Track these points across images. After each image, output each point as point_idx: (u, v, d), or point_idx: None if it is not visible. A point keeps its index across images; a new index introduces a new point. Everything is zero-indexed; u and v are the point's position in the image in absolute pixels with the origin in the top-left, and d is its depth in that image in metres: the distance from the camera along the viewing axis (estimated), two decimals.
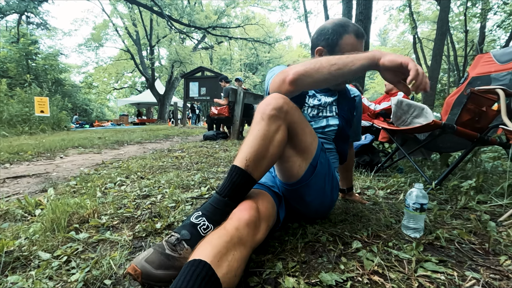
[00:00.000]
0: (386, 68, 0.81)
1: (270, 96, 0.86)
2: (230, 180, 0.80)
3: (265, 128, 0.82)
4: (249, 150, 0.80)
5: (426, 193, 1.11)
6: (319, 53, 1.12)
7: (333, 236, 1.02)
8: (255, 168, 0.80)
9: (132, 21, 16.22)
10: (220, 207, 0.78)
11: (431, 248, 0.97)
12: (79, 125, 14.18)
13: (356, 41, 1.07)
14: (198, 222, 0.75)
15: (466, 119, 1.67)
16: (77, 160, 3.03)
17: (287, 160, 0.94)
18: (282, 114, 0.84)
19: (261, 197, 0.87)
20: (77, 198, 1.35)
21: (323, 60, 0.85)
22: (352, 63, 0.83)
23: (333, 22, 1.10)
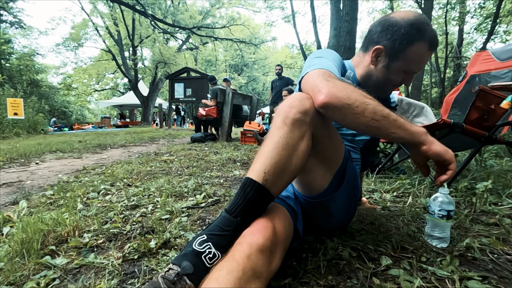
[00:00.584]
0: (425, 155, 0.72)
1: (294, 97, 0.71)
2: (244, 197, 0.65)
3: (288, 135, 0.67)
4: (268, 162, 0.65)
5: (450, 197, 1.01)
6: (376, 54, 0.90)
7: (356, 250, 0.90)
8: (274, 183, 0.66)
9: (113, 21, 15.66)
10: (229, 230, 0.63)
11: (465, 261, 0.87)
12: (58, 128, 13.51)
13: (427, 53, 0.87)
14: (203, 250, 0.60)
15: (475, 118, 1.60)
16: (55, 166, 2.78)
17: (309, 170, 0.80)
18: (308, 119, 0.69)
19: (277, 213, 0.72)
20: (53, 212, 1.16)
21: (369, 108, 0.67)
22: (394, 131, 0.69)
23: (409, 21, 0.85)
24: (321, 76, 0.72)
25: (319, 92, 0.68)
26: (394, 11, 13.76)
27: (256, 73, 31.21)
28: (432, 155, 0.71)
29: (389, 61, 0.90)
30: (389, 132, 0.69)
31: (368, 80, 0.97)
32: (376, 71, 0.94)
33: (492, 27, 11.17)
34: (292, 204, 0.87)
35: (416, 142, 0.72)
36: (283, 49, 33.45)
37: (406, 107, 2.22)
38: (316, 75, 0.74)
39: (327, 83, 0.69)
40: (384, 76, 0.93)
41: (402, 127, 0.70)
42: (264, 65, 31.40)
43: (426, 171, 0.79)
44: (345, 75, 0.98)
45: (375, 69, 0.94)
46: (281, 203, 0.80)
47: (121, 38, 16.54)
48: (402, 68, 0.90)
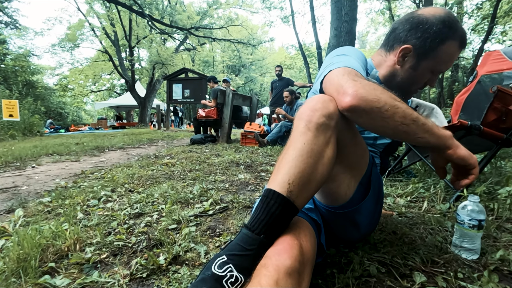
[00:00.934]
0: (449, 159, 0.69)
1: (317, 99, 0.64)
2: (267, 212, 0.57)
3: (313, 141, 0.60)
4: (293, 171, 0.58)
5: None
6: (403, 53, 0.84)
7: (384, 265, 0.83)
8: (299, 194, 0.58)
9: (110, 21, 15.49)
10: (252, 249, 0.55)
11: (502, 276, 0.80)
12: (54, 130, 13.33)
13: (457, 51, 0.82)
14: (224, 274, 0.52)
15: (492, 119, 1.54)
16: (52, 170, 2.68)
17: (333, 179, 0.72)
18: (333, 123, 0.62)
19: (302, 228, 0.65)
20: (52, 223, 1.07)
21: (399, 112, 0.61)
22: (422, 136, 0.64)
23: (440, 18, 0.79)
24: (347, 75, 0.65)
25: (345, 93, 0.61)
26: (392, 12, 13.80)
27: (254, 73, 31.15)
28: (457, 159, 0.68)
29: (417, 61, 0.84)
30: (417, 136, 0.64)
31: (391, 81, 0.90)
32: (401, 72, 0.88)
33: (490, 28, 11.22)
34: (314, 217, 0.79)
35: (442, 146, 0.68)
36: (280, 50, 33.47)
37: (415, 108, 2.16)
38: (340, 74, 0.66)
39: (353, 83, 0.62)
40: (410, 77, 0.87)
41: (430, 131, 0.65)
42: (261, 66, 31.37)
43: (443, 173, 0.76)
44: (370, 74, 0.91)
45: (401, 70, 0.87)
46: (303, 217, 0.73)
47: (118, 38, 16.39)
48: (431, 68, 0.84)
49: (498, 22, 12.49)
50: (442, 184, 1.73)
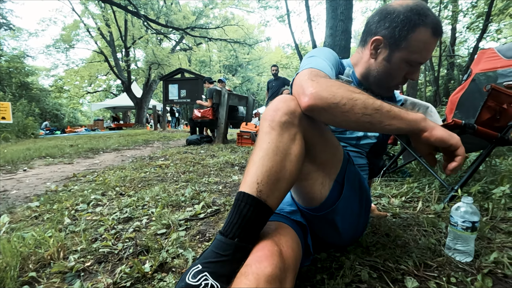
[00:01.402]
0: (428, 142, 0.65)
1: (279, 99, 0.64)
2: (239, 214, 0.56)
3: (278, 139, 0.60)
4: (260, 170, 0.57)
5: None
6: (375, 45, 0.83)
7: (375, 269, 0.81)
8: (270, 193, 0.57)
9: (105, 22, 15.37)
10: (227, 254, 0.54)
11: (496, 279, 0.78)
12: (49, 132, 13.21)
13: (431, 39, 0.77)
14: (198, 283, 0.50)
15: (486, 118, 1.53)
16: (44, 173, 2.64)
17: (306, 177, 0.71)
18: (296, 120, 0.62)
19: (282, 233, 0.64)
20: (36, 230, 1.04)
21: (358, 103, 0.60)
22: (389, 123, 0.62)
23: (407, 6, 0.78)
24: (307, 76, 0.66)
25: (303, 94, 0.62)
26: None
27: (251, 73, 31.10)
28: (435, 141, 0.64)
29: (390, 51, 0.82)
30: (384, 124, 0.62)
31: (369, 77, 0.89)
32: (376, 65, 0.86)
33: (485, 26, 11.25)
34: (299, 219, 0.77)
35: (415, 130, 0.64)
36: (277, 49, 33.44)
37: (411, 107, 2.14)
38: (303, 75, 0.67)
39: (311, 83, 0.63)
40: (385, 69, 0.84)
41: (398, 117, 0.62)
42: (258, 66, 31.32)
43: (432, 160, 0.71)
44: (344, 72, 0.90)
45: (375, 63, 0.86)
46: (286, 222, 0.71)
47: (113, 39, 16.27)
48: (405, 58, 0.80)
49: (493, 20, 12.54)
50: (437, 184, 1.71)
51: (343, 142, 0.97)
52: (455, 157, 0.64)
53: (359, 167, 0.99)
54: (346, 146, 0.97)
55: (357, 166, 0.98)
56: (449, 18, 12.95)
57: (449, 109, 2.20)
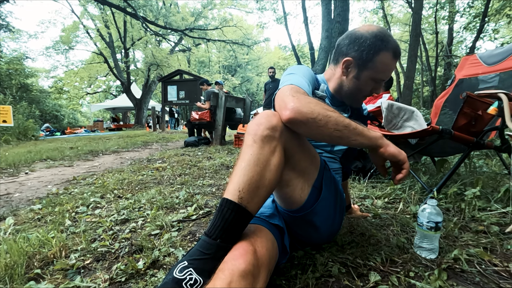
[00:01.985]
0: (382, 156, 0.80)
1: (261, 115, 0.74)
2: (222, 218, 0.65)
3: (259, 152, 0.69)
4: (242, 179, 0.66)
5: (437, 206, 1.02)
6: (346, 65, 0.96)
7: (345, 266, 0.90)
8: (250, 200, 0.66)
9: (104, 23, 15.48)
10: (210, 253, 0.63)
11: (453, 274, 0.87)
12: (49, 133, 13.31)
13: (392, 61, 0.92)
14: (184, 277, 0.58)
15: (463, 124, 1.62)
16: (45, 176, 2.73)
17: (287, 184, 0.81)
18: (277, 134, 0.71)
19: (259, 235, 0.73)
20: (40, 231, 1.14)
21: (331, 120, 0.72)
22: (355, 139, 0.76)
23: (373, 33, 0.91)
24: (288, 92, 0.76)
25: (285, 108, 0.72)
26: (385, 11, 13.90)
27: (250, 73, 31.20)
28: (388, 156, 0.79)
29: (358, 71, 0.95)
30: (351, 139, 0.75)
31: (340, 91, 1.02)
32: (347, 82, 0.99)
33: (481, 26, 11.35)
34: (276, 222, 0.87)
35: (374, 146, 0.79)
36: (276, 50, 33.51)
37: (397, 112, 2.23)
38: (284, 91, 0.77)
39: (292, 99, 0.73)
40: (355, 86, 0.98)
41: (361, 134, 0.76)
42: (257, 66, 31.44)
43: (384, 171, 0.87)
44: (319, 88, 1.02)
45: (346, 80, 0.99)
46: (263, 224, 0.80)
47: (112, 40, 16.38)
48: (371, 77, 0.95)
49: (490, 19, 12.63)
50: (418, 186, 1.80)
51: (319, 149, 1.07)
52: (402, 170, 0.81)
53: (334, 171, 1.09)
54: (322, 153, 1.07)
55: (332, 170, 1.08)
56: (446, 19, 13.05)
57: (433, 113, 2.29)
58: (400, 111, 2.26)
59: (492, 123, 1.74)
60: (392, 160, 0.81)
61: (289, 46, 12.18)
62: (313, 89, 0.99)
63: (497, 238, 1.10)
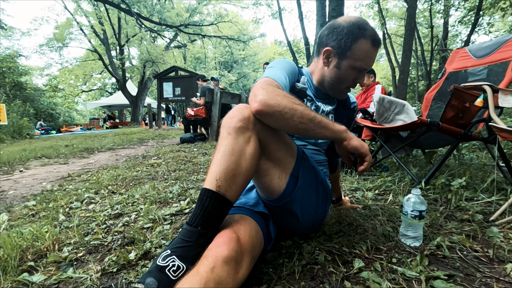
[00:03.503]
0: (346, 149, 0.85)
1: (234, 108, 0.77)
2: (202, 206, 0.68)
3: (233, 142, 0.72)
4: (219, 169, 0.69)
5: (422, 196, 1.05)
6: (326, 55, 0.98)
7: (331, 254, 0.93)
8: (228, 187, 0.69)
9: (98, 20, 15.30)
10: (192, 240, 0.65)
11: (435, 260, 0.90)
12: (45, 131, 13.23)
13: (371, 49, 0.94)
14: (166, 264, 0.61)
15: (450, 116, 1.65)
16: (40, 174, 2.74)
17: (265, 173, 0.83)
18: (250, 125, 0.74)
19: (243, 223, 0.76)
20: (33, 226, 1.15)
21: (297, 113, 0.75)
22: (319, 131, 0.79)
23: (350, 21, 0.94)
24: (260, 84, 0.79)
25: (254, 100, 0.75)
26: (380, 5, 13.85)
27: (246, 69, 31.08)
28: (351, 149, 0.84)
29: (339, 60, 0.97)
30: (316, 132, 0.79)
31: (323, 83, 1.04)
32: (328, 72, 1.01)
33: (476, 19, 11.38)
34: (261, 209, 0.90)
35: (338, 139, 0.84)
36: (272, 45, 33.38)
37: (388, 105, 2.26)
38: (257, 84, 0.80)
39: (261, 91, 0.75)
40: (336, 75, 1.00)
41: (326, 127, 0.80)
42: (254, 62, 31.30)
43: (349, 162, 0.92)
44: (300, 80, 1.04)
45: (328, 70, 1.01)
46: (247, 214, 0.83)
47: (107, 37, 16.21)
48: (351, 65, 0.96)
49: (485, 13, 12.66)
50: (408, 178, 1.84)
51: (303, 141, 1.09)
52: (364, 162, 0.87)
53: (319, 162, 1.11)
54: (306, 145, 1.09)
55: (317, 162, 1.10)
56: (441, 12, 13.05)
57: (424, 107, 2.32)
58: (391, 104, 2.29)
59: (481, 115, 1.77)
60: (355, 152, 0.86)
61: (285, 42, 12.16)
62: (294, 81, 1.01)
63: (480, 226, 1.13)
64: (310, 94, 1.06)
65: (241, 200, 0.94)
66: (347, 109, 1.17)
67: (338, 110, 1.13)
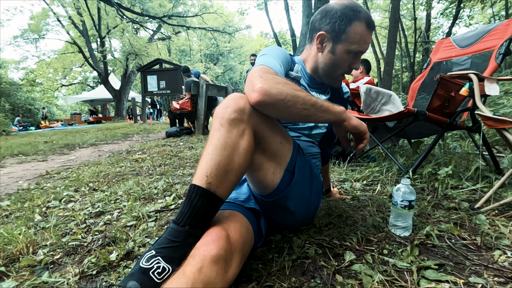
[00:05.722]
0: (346, 129, 0.84)
1: (229, 98, 0.71)
2: (190, 204, 0.63)
3: (226, 135, 0.66)
4: (210, 164, 0.64)
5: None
6: (320, 40, 0.93)
7: (321, 247, 0.91)
8: (219, 184, 0.64)
9: (76, 10, 14.62)
10: (179, 240, 0.61)
11: (425, 249, 0.90)
12: (23, 128, 12.68)
13: (366, 31, 0.90)
14: (150, 266, 0.56)
15: (437, 105, 1.65)
16: (16, 172, 2.60)
17: (259, 168, 0.79)
18: (245, 116, 0.69)
19: (232, 220, 0.72)
20: (4, 228, 1.07)
21: (299, 100, 0.71)
22: (321, 115, 0.77)
23: (343, 4, 0.90)
24: (257, 73, 0.73)
25: (253, 90, 0.69)
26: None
27: (233, 62, 30.72)
28: (351, 129, 0.84)
29: (333, 44, 0.93)
30: (318, 117, 0.77)
31: (317, 70, 1.00)
32: (323, 58, 0.97)
33: (457, 11, 11.62)
34: (252, 206, 0.86)
35: (339, 120, 0.82)
36: (258, 37, 33.09)
37: (375, 96, 2.26)
38: (253, 72, 0.75)
39: (260, 80, 0.70)
40: (331, 61, 0.96)
41: (327, 110, 0.78)
42: (240, 54, 30.95)
43: (347, 142, 0.91)
44: (294, 69, 1.00)
45: (322, 56, 0.97)
46: (237, 209, 0.79)
47: (86, 29, 15.53)
48: (347, 49, 0.92)
49: (465, 5, 12.95)
50: (396, 168, 1.85)
51: (297, 132, 1.05)
52: (363, 140, 0.86)
53: (313, 155, 1.08)
54: (300, 136, 1.05)
55: (311, 154, 1.07)
56: (424, 5, 13.25)
57: (410, 97, 2.33)
58: (378, 95, 2.29)
59: (464, 104, 1.79)
60: (354, 132, 0.85)
61: (271, 34, 12.04)
62: (287, 70, 0.97)
63: (466, 213, 1.14)
64: (304, 84, 1.02)
65: (231, 195, 0.90)
66: (341, 98, 1.14)
67: (332, 100, 1.10)
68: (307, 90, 1.02)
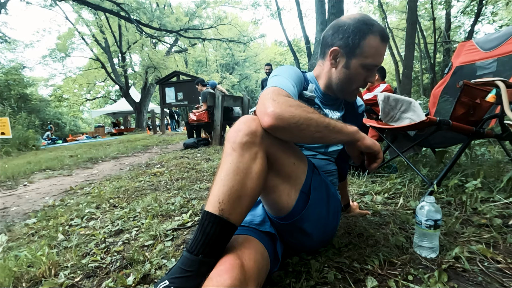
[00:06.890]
0: (359, 149, 0.82)
1: (240, 121, 0.70)
2: (203, 232, 0.62)
3: (238, 160, 0.65)
4: (222, 190, 0.63)
5: (436, 203, 0.98)
6: (333, 55, 0.92)
7: (341, 271, 0.87)
8: (232, 210, 0.63)
9: (99, 28, 15.46)
10: (192, 270, 0.60)
11: (454, 274, 0.84)
12: (51, 141, 13.37)
13: (380, 44, 0.88)
14: None
15: (461, 113, 1.57)
16: (43, 187, 2.72)
17: (273, 190, 0.77)
18: (257, 139, 0.68)
19: (247, 246, 0.70)
20: (29, 249, 1.11)
21: (312, 122, 0.70)
22: (335, 137, 0.76)
23: (355, 18, 0.88)
24: (270, 95, 0.72)
25: (265, 113, 0.68)
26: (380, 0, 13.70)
27: (248, 70, 31.04)
28: (365, 149, 0.81)
29: (347, 59, 0.91)
30: (331, 138, 0.75)
31: (331, 86, 0.98)
32: (337, 74, 0.94)
33: (479, 9, 11.17)
34: (267, 229, 0.84)
35: (352, 141, 0.80)
36: (273, 45, 33.29)
37: (394, 104, 2.18)
38: (265, 94, 0.73)
39: (272, 103, 0.69)
40: (345, 76, 0.93)
41: (341, 131, 0.76)
42: (255, 62, 31.24)
43: (358, 160, 0.87)
44: (308, 88, 0.98)
45: (336, 72, 0.94)
46: (252, 234, 0.77)
47: (108, 45, 16.35)
48: (361, 64, 0.90)
49: (488, 2, 12.42)
50: (418, 179, 1.76)
51: (313, 151, 1.02)
52: (376, 159, 0.84)
53: (329, 173, 1.05)
54: (316, 155, 1.03)
55: (327, 172, 1.04)
56: (443, 4, 12.84)
57: (431, 103, 2.24)
58: (397, 102, 2.21)
59: (492, 110, 1.69)
60: (368, 151, 0.82)
61: (285, 42, 12.10)
62: (301, 89, 0.95)
63: (499, 232, 1.06)
64: (317, 102, 1.00)
65: (246, 218, 0.88)
66: (355, 113, 1.11)
67: (346, 116, 1.07)
68: (321, 108, 0.99)
